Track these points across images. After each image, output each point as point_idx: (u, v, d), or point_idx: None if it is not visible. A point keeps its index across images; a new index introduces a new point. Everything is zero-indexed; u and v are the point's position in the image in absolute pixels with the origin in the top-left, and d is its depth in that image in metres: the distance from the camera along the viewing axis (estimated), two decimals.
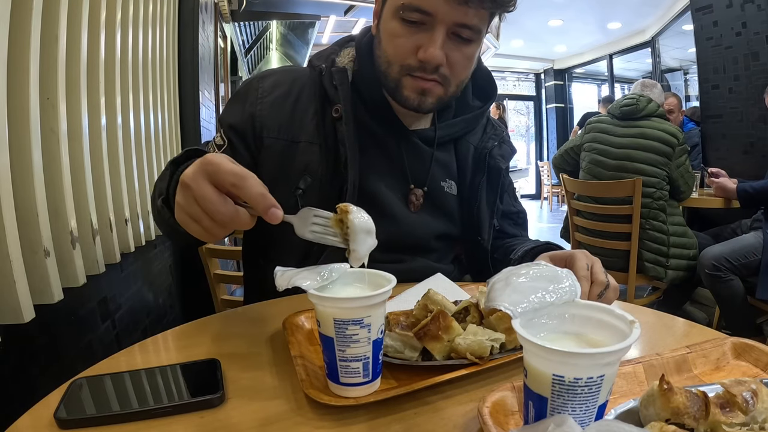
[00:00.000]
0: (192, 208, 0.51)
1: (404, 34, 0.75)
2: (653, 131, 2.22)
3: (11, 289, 0.83)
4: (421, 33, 0.74)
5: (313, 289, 0.46)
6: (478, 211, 0.92)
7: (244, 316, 0.73)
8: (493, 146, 0.94)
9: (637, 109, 2.27)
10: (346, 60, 0.89)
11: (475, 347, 0.51)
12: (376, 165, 0.86)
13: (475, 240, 0.93)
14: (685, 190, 2.28)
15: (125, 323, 1.52)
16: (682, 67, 6.71)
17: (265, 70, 0.94)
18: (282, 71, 0.91)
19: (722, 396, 0.40)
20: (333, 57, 0.88)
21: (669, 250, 2.23)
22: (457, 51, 0.77)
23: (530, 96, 10.45)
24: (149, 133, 1.70)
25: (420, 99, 0.79)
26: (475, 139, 0.96)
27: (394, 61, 0.78)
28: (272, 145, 0.84)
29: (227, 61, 4.22)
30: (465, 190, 0.94)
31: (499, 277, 0.47)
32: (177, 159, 0.73)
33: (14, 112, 0.89)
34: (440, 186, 0.92)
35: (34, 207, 0.91)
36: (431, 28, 0.74)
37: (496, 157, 0.94)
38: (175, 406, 0.46)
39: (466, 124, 0.94)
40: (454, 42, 0.76)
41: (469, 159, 0.94)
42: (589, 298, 0.62)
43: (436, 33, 0.73)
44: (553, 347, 0.34)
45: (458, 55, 0.77)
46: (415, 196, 0.89)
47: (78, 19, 1.13)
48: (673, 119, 3.24)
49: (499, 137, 0.97)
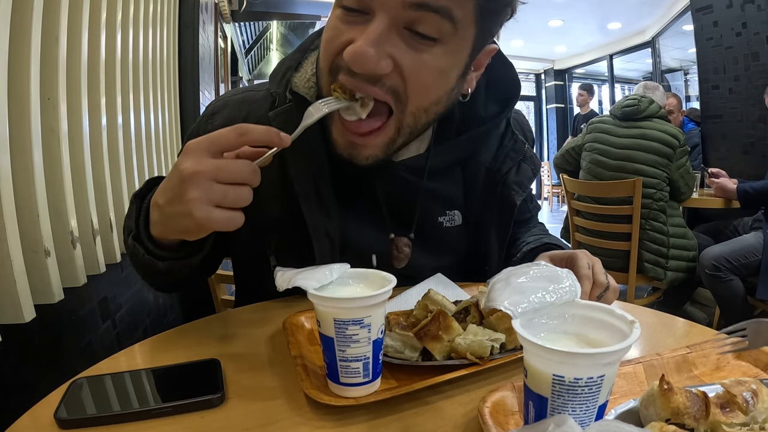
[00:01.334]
0: (211, 190, 0.47)
1: (339, 25, 0.56)
2: (654, 132, 2.22)
3: (12, 288, 0.83)
4: (359, 25, 0.54)
5: (313, 289, 0.46)
6: (486, 242, 0.77)
7: (244, 316, 0.73)
8: (509, 169, 0.74)
9: (638, 110, 2.27)
10: (307, 74, 0.67)
11: (475, 347, 0.51)
12: (356, 211, 0.69)
13: (481, 268, 0.79)
14: (686, 191, 2.28)
15: (125, 323, 1.52)
16: (682, 67, 6.70)
17: (220, 98, 0.76)
18: (235, 103, 0.73)
19: (722, 396, 0.40)
20: (289, 75, 0.68)
21: (669, 251, 2.23)
22: (412, 54, 0.54)
23: (530, 96, 10.44)
24: (149, 133, 1.70)
25: (351, 151, 0.60)
26: (487, 156, 0.76)
27: (324, 66, 0.58)
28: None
29: (227, 61, 4.22)
30: (473, 216, 0.77)
31: (499, 277, 0.47)
32: (139, 192, 0.65)
33: (15, 113, 0.89)
34: (437, 223, 0.74)
35: (35, 207, 0.91)
36: (372, 15, 0.53)
37: (511, 186, 0.74)
38: (175, 406, 0.46)
39: (473, 143, 0.73)
40: (407, 39, 0.54)
41: (478, 183, 0.76)
42: (588, 299, 0.62)
43: (374, 23, 0.52)
44: (553, 347, 0.34)
45: (413, 62, 0.54)
46: (397, 249, 0.71)
47: (78, 19, 1.13)
48: (672, 119, 3.24)
49: (520, 154, 0.76)
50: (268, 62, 7.76)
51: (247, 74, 6.77)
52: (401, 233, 0.72)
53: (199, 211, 0.48)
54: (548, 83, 9.83)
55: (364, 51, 0.51)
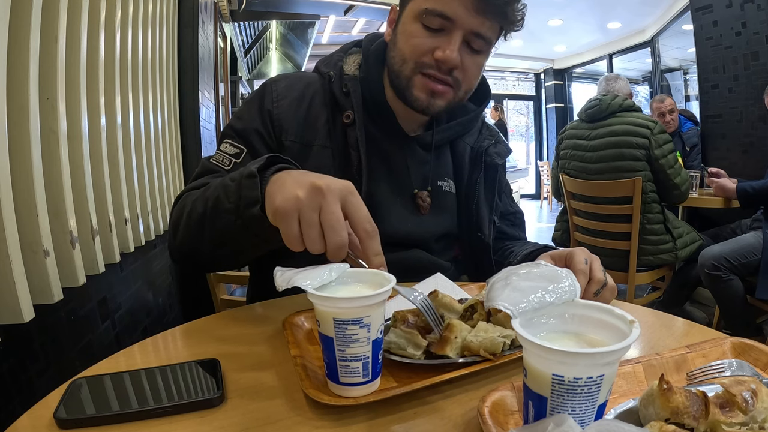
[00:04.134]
0: (310, 216, 0.52)
1: (423, 35, 0.79)
2: (621, 126, 2.19)
3: (11, 289, 0.83)
4: (440, 37, 0.78)
5: (313, 288, 0.46)
6: (477, 207, 0.95)
7: (244, 316, 0.73)
8: (489, 145, 0.97)
9: (600, 110, 2.25)
10: (352, 67, 0.91)
11: (487, 344, 0.52)
12: (381, 170, 0.89)
13: (476, 236, 0.95)
14: (680, 183, 2.17)
15: (125, 323, 1.52)
16: (682, 67, 6.70)
17: (276, 75, 0.98)
18: (294, 76, 0.93)
19: (722, 396, 0.40)
20: (340, 64, 0.90)
21: (674, 231, 2.21)
22: (470, 58, 0.80)
23: (530, 96, 10.45)
24: (149, 133, 1.70)
25: (429, 101, 0.82)
26: (471, 139, 0.99)
27: (410, 59, 0.81)
28: (290, 147, 0.85)
29: (227, 61, 4.22)
30: (463, 187, 0.96)
31: (499, 276, 0.47)
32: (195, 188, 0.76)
33: (14, 112, 0.89)
34: (439, 186, 0.94)
35: (34, 207, 0.91)
36: (449, 33, 0.77)
37: (492, 155, 0.97)
38: (175, 406, 0.46)
39: (462, 127, 0.97)
40: (468, 49, 0.80)
41: (465, 158, 0.97)
42: (585, 296, 0.62)
43: (454, 37, 0.77)
44: (552, 347, 0.34)
45: (470, 63, 0.81)
46: (421, 199, 0.91)
47: (77, 19, 1.13)
48: (673, 119, 3.24)
49: (494, 138, 1.00)
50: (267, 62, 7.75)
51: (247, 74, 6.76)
52: (422, 189, 0.93)
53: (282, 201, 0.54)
54: (548, 83, 9.82)
55: (453, 55, 0.77)
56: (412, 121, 0.91)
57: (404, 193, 0.91)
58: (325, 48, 7.76)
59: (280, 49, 7.56)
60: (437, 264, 0.91)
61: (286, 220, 0.53)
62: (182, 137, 2.22)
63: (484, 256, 0.95)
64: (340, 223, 0.51)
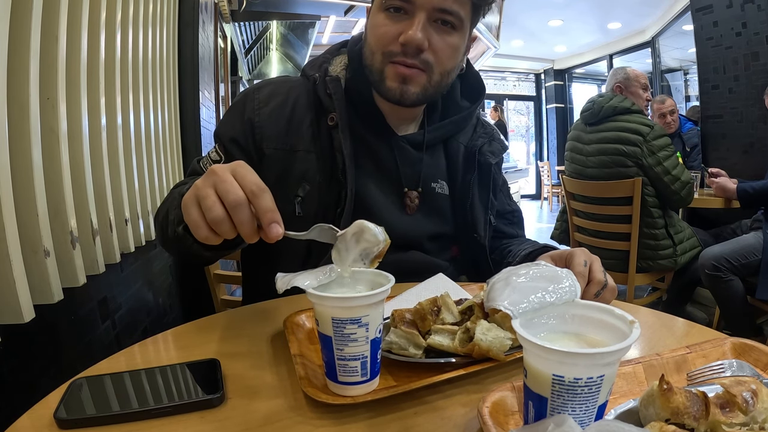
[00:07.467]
0: (206, 191, 0.51)
1: (388, 24, 0.78)
2: (612, 134, 2.13)
3: (11, 289, 0.83)
4: (403, 21, 0.77)
5: (312, 288, 0.46)
6: (472, 208, 0.93)
7: (244, 316, 0.73)
8: (483, 144, 0.95)
9: (593, 114, 2.21)
10: (338, 68, 0.90)
11: (497, 344, 0.51)
12: (370, 170, 0.88)
13: (471, 237, 0.94)
14: (678, 189, 2.08)
15: (125, 323, 1.52)
16: (682, 67, 6.70)
17: (260, 81, 0.97)
18: (277, 81, 0.92)
19: (722, 396, 0.40)
20: (325, 66, 0.89)
21: (675, 236, 2.19)
22: (440, 37, 0.79)
23: (530, 96, 10.45)
24: (149, 133, 1.70)
25: (402, 88, 0.80)
26: (465, 138, 0.97)
27: (377, 50, 0.80)
28: (272, 155, 0.85)
29: (227, 61, 4.22)
30: (457, 188, 0.95)
31: (499, 276, 0.47)
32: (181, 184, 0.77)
33: (14, 112, 0.89)
34: (432, 187, 0.93)
35: (34, 207, 0.91)
36: (412, 15, 0.77)
37: (485, 154, 0.95)
38: (175, 406, 0.46)
39: (455, 126, 0.95)
40: (436, 29, 0.78)
41: (459, 158, 0.95)
42: (585, 297, 0.62)
43: (417, 17, 0.76)
44: (552, 347, 0.34)
45: (440, 42, 0.79)
46: (410, 199, 0.90)
47: (78, 19, 1.13)
48: (674, 120, 3.24)
49: (489, 135, 0.98)
50: (268, 62, 7.74)
51: (247, 74, 6.76)
52: (411, 189, 0.91)
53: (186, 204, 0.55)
54: (548, 83, 9.83)
55: (416, 35, 0.75)
56: (401, 119, 0.90)
57: (393, 193, 0.90)
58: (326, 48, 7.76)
59: (281, 49, 7.55)
60: (435, 264, 0.90)
61: (187, 210, 0.53)
62: (182, 137, 2.22)
63: (481, 256, 0.95)
64: (233, 185, 0.51)
